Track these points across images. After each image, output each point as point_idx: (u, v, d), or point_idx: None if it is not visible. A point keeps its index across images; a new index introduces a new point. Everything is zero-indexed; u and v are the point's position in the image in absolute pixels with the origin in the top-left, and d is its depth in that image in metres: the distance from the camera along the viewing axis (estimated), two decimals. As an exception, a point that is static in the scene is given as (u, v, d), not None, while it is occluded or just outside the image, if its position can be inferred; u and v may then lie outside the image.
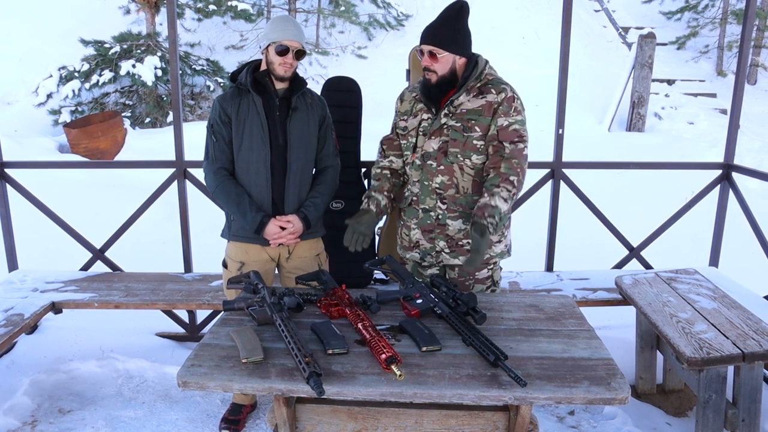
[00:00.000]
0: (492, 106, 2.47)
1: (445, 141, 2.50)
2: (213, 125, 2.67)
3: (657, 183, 6.47)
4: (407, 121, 2.62)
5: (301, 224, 2.69)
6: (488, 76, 2.52)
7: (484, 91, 2.49)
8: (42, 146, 8.12)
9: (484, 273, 2.65)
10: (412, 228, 2.64)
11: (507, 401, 1.79)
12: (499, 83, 2.51)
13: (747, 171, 3.80)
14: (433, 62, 2.44)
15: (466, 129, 2.48)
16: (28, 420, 2.95)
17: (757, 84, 11.93)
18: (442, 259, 2.63)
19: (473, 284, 2.65)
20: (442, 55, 2.43)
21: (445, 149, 2.50)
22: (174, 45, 3.54)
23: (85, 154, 8.12)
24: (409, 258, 2.72)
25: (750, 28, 3.63)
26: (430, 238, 2.61)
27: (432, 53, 2.43)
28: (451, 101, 2.49)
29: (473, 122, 2.47)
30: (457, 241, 2.58)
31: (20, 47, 10.26)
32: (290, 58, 2.60)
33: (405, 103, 2.66)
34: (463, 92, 2.49)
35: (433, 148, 2.52)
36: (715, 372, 2.51)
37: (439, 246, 2.60)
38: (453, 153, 2.49)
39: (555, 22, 4.23)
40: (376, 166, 2.75)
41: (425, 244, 2.62)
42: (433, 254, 2.63)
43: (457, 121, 2.48)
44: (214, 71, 10.00)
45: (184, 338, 3.78)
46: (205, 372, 1.88)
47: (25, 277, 3.61)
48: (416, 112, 2.58)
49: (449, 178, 2.52)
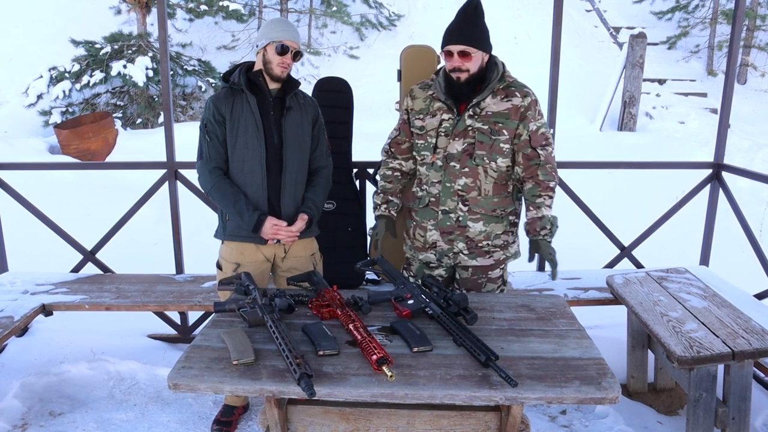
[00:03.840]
0: (519, 110, 2.49)
1: (470, 143, 2.50)
2: (207, 125, 2.66)
3: (648, 182, 6.49)
4: (424, 120, 2.59)
5: (303, 224, 2.69)
6: (508, 77, 2.53)
7: (508, 94, 2.50)
8: (32, 147, 8.07)
9: (497, 272, 2.68)
10: (428, 229, 2.63)
11: (498, 401, 1.80)
12: (522, 87, 2.54)
13: (737, 170, 3.82)
14: (465, 61, 2.43)
15: (493, 132, 2.49)
16: (19, 423, 2.93)
17: (747, 83, 12.00)
18: (459, 260, 2.63)
19: (485, 283, 2.66)
20: (475, 54, 2.43)
21: (470, 151, 2.50)
22: (164, 45, 3.53)
23: (76, 155, 8.08)
24: (422, 258, 2.71)
25: (739, 28, 3.65)
26: (449, 240, 2.61)
27: (464, 53, 2.41)
28: (477, 103, 2.48)
29: (500, 125, 2.49)
30: (477, 243, 2.59)
31: (10, 47, 10.19)
32: (288, 58, 2.61)
33: (419, 101, 2.62)
34: (488, 94, 2.49)
35: (457, 150, 2.51)
36: (706, 370, 2.52)
37: (457, 247, 2.61)
38: (479, 155, 2.50)
39: (546, 21, 4.25)
40: (385, 167, 2.75)
41: (443, 246, 2.62)
42: (450, 255, 2.63)
43: (483, 124, 2.48)
44: (205, 72, 9.97)
45: (175, 340, 3.77)
46: (196, 374, 1.87)
47: (15, 279, 3.59)
48: (434, 112, 2.56)
49: (473, 181, 2.52)
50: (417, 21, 12.54)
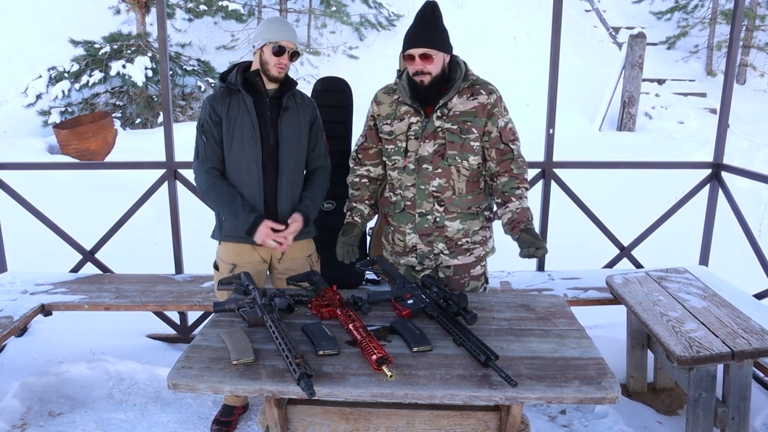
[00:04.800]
0: (485, 107, 2.50)
1: (441, 144, 2.50)
2: (203, 125, 2.65)
3: (647, 182, 6.49)
4: (392, 125, 2.58)
5: (302, 223, 2.67)
6: (471, 76, 2.54)
7: (474, 92, 2.51)
8: (32, 147, 8.06)
9: (479, 270, 2.68)
10: (407, 233, 2.62)
11: (498, 401, 1.80)
12: (486, 84, 2.56)
13: (736, 170, 3.83)
14: (426, 64, 2.43)
15: (462, 131, 2.49)
16: (18, 423, 2.93)
17: (746, 84, 12.00)
18: (441, 261, 2.63)
19: (468, 281, 2.66)
20: (437, 56, 2.43)
21: (441, 152, 2.50)
22: (164, 45, 3.53)
23: (75, 155, 8.07)
24: (404, 263, 2.70)
25: (738, 28, 3.66)
26: (429, 242, 2.60)
27: (425, 55, 2.41)
28: (444, 104, 2.49)
29: (469, 124, 2.49)
30: (456, 242, 2.59)
31: (9, 47, 10.18)
32: (286, 59, 2.60)
33: (384, 107, 2.61)
34: (454, 94, 2.49)
35: (428, 152, 2.51)
36: (705, 370, 2.53)
37: (438, 248, 2.61)
38: (451, 155, 2.50)
39: (545, 22, 4.25)
40: (353, 174, 2.74)
41: (423, 248, 2.62)
42: (431, 257, 2.63)
43: (452, 124, 2.49)
44: (205, 72, 9.96)
45: (175, 340, 3.77)
46: (196, 374, 1.87)
47: (15, 279, 3.59)
48: (401, 116, 2.55)
49: (446, 181, 2.52)
50: (416, 21, 12.52)
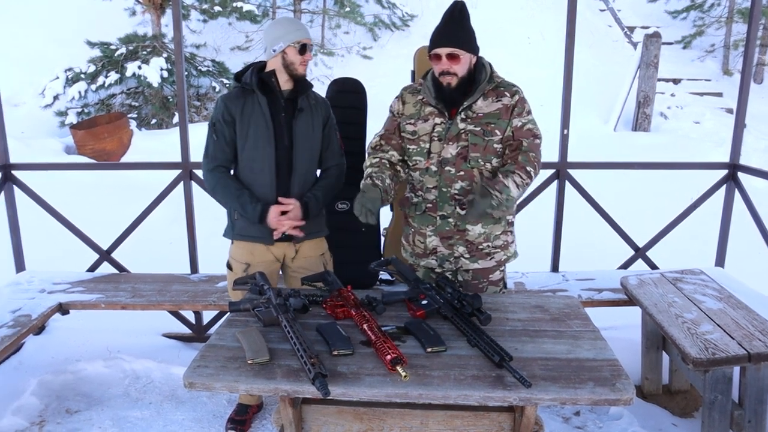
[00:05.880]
0: (509, 108, 2.49)
1: (464, 146, 2.48)
2: (215, 123, 2.67)
3: (663, 183, 6.45)
4: (416, 125, 2.55)
5: (300, 211, 2.66)
6: (497, 78, 2.53)
7: (498, 95, 2.49)
8: (49, 148, 8.16)
9: (497, 275, 2.66)
10: (428, 235, 2.61)
11: (512, 402, 1.80)
12: (510, 86, 2.53)
13: (753, 171, 3.79)
14: (453, 64, 2.41)
15: (486, 133, 2.47)
16: (36, 420, 2.97)
17: (763, 83, 11.88)
18: (461, 264, 2.62)
19: (487, 286, 2.65)
20: (464, 56, 2.42)
21: (464, 154, 2.49)
22: (179, 46, 3.56)
23: (92, 155, 8.15)
24: (424, 265, 2.69)
25: (756, 26, 3.62)
26: (449, 245, 2.59)
27: (452, 55, 2.40)
28: (468, 106, 2.47)
29: (492, 126, 2.48)
30: (477, 246, 2.58)
31: (27, 49, 10.30)
32: (309, 55, 2.63)
33: (408, 106, 2.59)
34: (479, 96, 2.48)
35: (451, 154, 2.49)
36: (721, 373, 2.51)
37: (458, 251, 2.59)
38: (474, 158, 2.48)
39: (560, 22, 4.23)
40: (371, 157, 2.60)
41: (443, 251, 2.60)
42: (451, 260, 2.62)
43: (476, 126, 2.47)
44: (219, 72, 10.02)
45: (190, 339, 3.79)
46: (211, 373, 1.89)
47: (33, 279, 3.64)
48: (426, 116, 2.53)
49: (469, 184, 2.50)
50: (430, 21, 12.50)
